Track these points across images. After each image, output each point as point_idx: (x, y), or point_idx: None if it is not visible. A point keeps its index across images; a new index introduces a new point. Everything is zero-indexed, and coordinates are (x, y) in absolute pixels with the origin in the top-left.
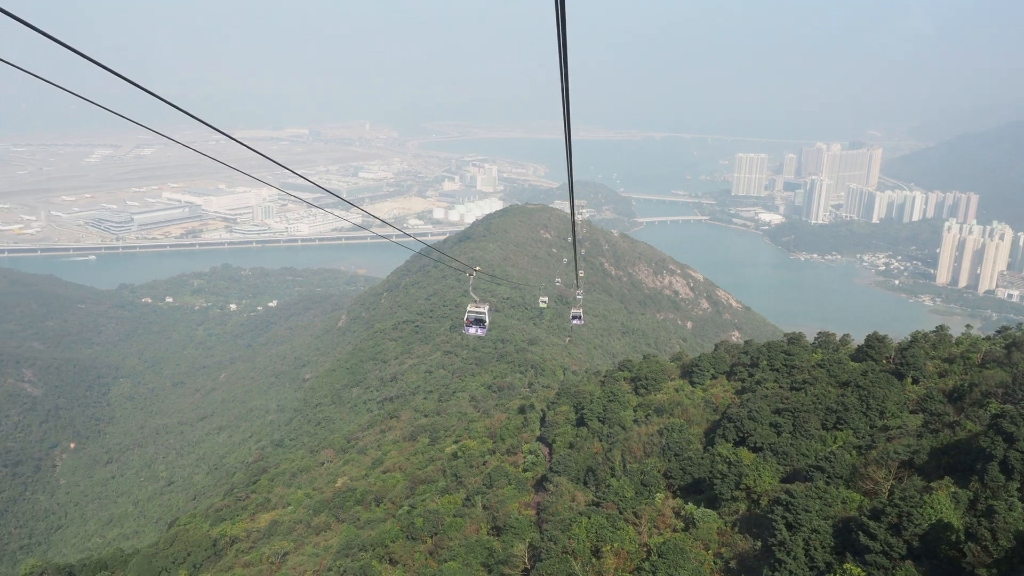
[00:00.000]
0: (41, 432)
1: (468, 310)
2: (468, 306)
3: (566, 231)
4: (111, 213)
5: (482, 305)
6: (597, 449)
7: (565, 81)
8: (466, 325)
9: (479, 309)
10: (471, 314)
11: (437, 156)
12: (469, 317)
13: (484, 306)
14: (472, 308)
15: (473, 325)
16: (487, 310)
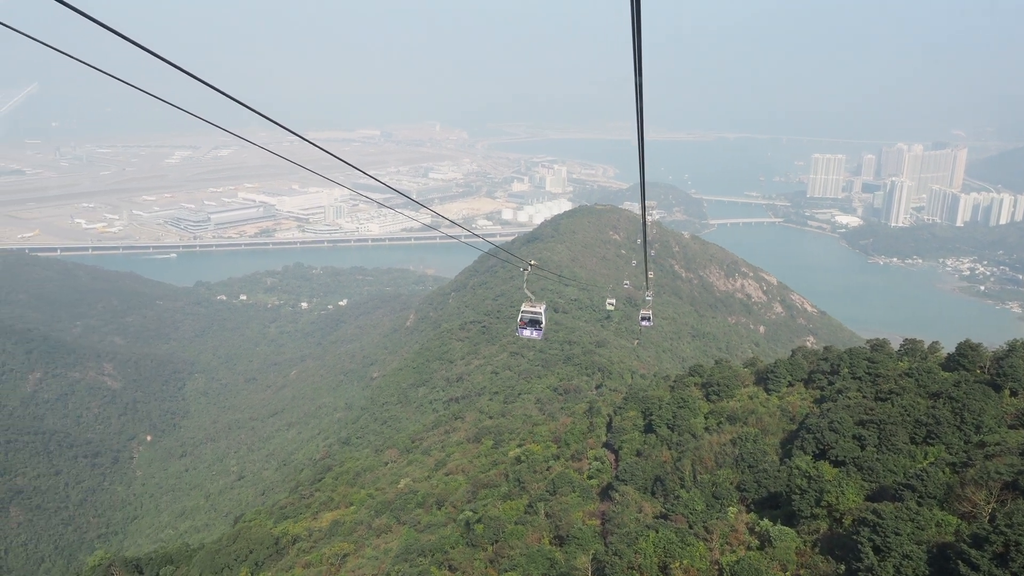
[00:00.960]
0: (120, 424)
1: (522, 310)
2: (523, 305)
3: (635, 232)
4: (189, 212)
5: (538, 304)
6: (666, 457)
7: (639, 78)
8: (520, 327)
9: (535, 309)
10: (525, 314)
11: (506, 157)
12: (523, 318)
13: (540, 305)
14: (527, 308)
15: (528, 327)
16: (543, 310)
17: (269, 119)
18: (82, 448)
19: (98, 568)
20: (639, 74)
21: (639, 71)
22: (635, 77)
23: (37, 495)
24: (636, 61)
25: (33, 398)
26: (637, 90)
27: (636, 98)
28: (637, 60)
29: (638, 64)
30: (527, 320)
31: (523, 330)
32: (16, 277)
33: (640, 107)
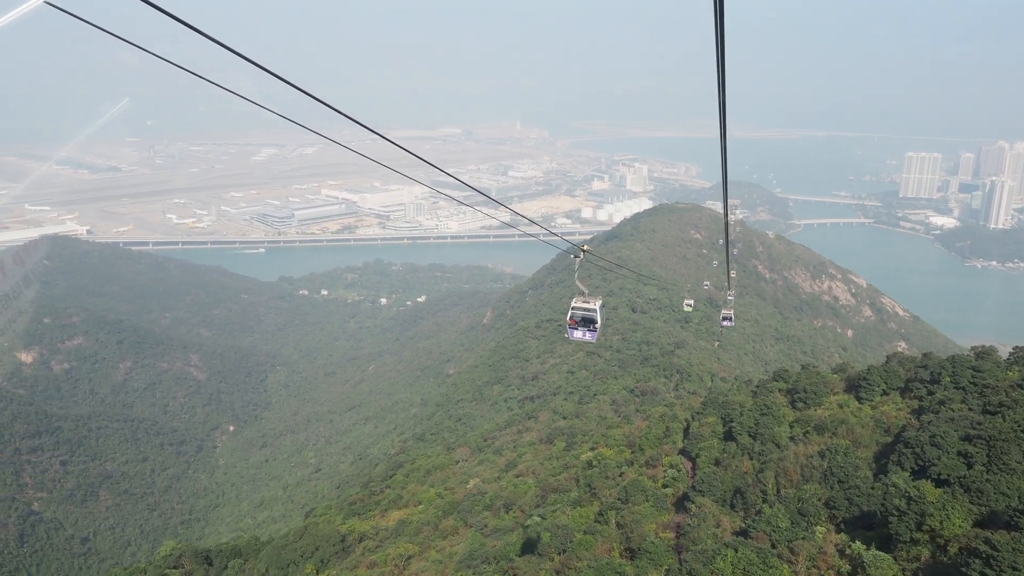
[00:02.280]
0: (204, 414)
1: (573, 306)
2: (573, 300)
3: (717, 232)
4: (274, 209)
5: (592, 300)
6: (747, 468)
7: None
8: (570, 327)
9: (588, 305)
10: (576, 311)
11: (587, 155)
12: (574, 315)
13: (595, 300)
14: (579, 303)
15: (579, 327)
16: (599, 307)
17: (351, 118)
18: (168, 436)
19: (169, 557)
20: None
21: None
22: (718, 74)
23: (125, 480)
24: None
25: (123, 386)
26: (720, 87)
27: (719, 94)
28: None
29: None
30: (578, 318)
31: (573, 331)
32: (111, 270)
33: (723, 102)
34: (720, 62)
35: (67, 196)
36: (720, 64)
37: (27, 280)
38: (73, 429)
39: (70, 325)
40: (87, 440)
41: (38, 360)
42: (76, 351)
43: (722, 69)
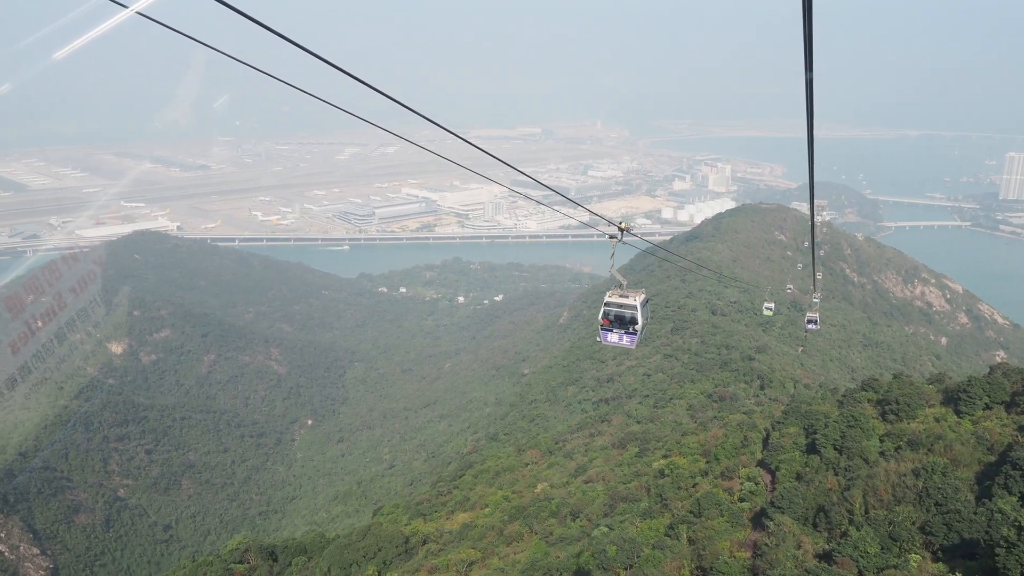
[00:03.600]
0: (284, 408)
1: (606, 302)
2: (607, 294)
3: (803, 233)
4: (355, 207)
5: (632, 293)
6: (831, 484)
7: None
8: (602, 328)
9: (626, 300)
10: (611, 308)
11: (668, 155)
12: (607, 313)
13: (636, 295)
14: (614, 298)
15: (614, 328)
16: (641, 303)
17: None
18: (248, 428)
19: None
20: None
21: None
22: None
23: (206, 470)
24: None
25: (207, 379)
26: (807, 85)
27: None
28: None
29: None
30: (613, 316)
31: (607, 333)
32: (198, 265)
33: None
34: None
35: (160, 193)
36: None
37: (119, 274)
38: (158, 419)
39: (158, 318)
40: (171, 430)
41: (127, 351)
42: (163, 343)
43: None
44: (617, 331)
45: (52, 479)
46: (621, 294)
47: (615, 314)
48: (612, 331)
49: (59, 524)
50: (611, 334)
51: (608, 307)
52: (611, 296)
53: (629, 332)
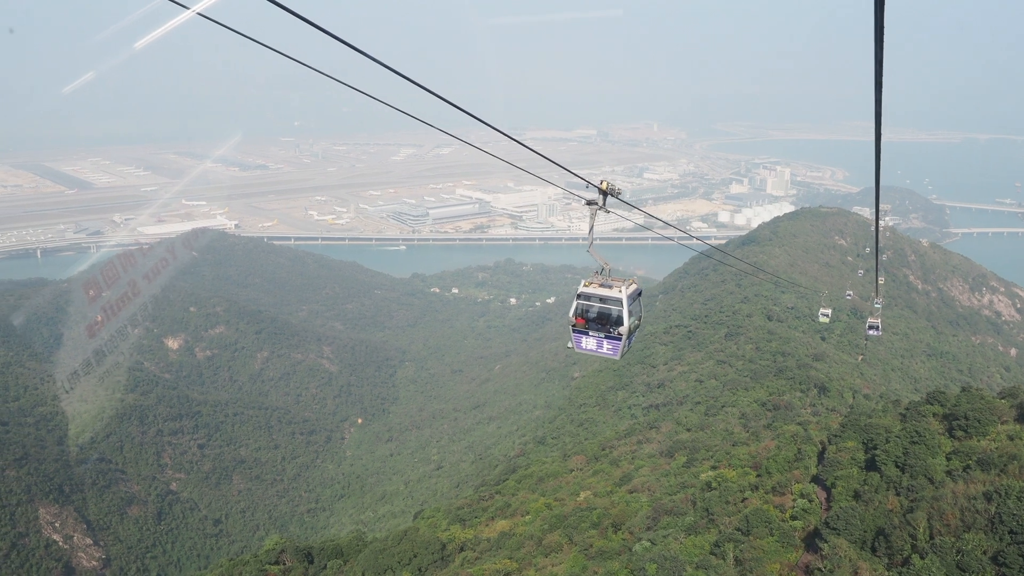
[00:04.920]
0: (334, 406)
1: (581, 293)
2: (582, 284)
3: (864, 238)
4: (409, 207)
5: (619, 283)
6: (892, 505)
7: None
8: (573, 330)
9: (608, 292)
10: (588, 302)
11: (725, 158)
12: (583, 309)
13: (624, 285)
14: (593, 287)
15: (591, 329)
16: (630, 296)
17: (484, 122)
18: (299, 425)
19: (272, 552)
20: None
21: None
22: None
23: (257, 466)
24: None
25: (260, 375)
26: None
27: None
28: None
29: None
30: (589, 314)
31: (580, 337)
32: (254, 263)
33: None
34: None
35: (220, 192)
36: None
37: (178, 271)
38: (211, 414)
39: (214, 314)
40: (224, 425)
41: (183, 347)
42: (218, 339)
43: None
44: (595, 334)
45: (107, 471)
46: (602, 283)
47: (593, 310)
48: (588, 334)
49: (112, 515)
50: (586, 338)
51: (583, 300)
52: (588, 286)
53: (611, 336)
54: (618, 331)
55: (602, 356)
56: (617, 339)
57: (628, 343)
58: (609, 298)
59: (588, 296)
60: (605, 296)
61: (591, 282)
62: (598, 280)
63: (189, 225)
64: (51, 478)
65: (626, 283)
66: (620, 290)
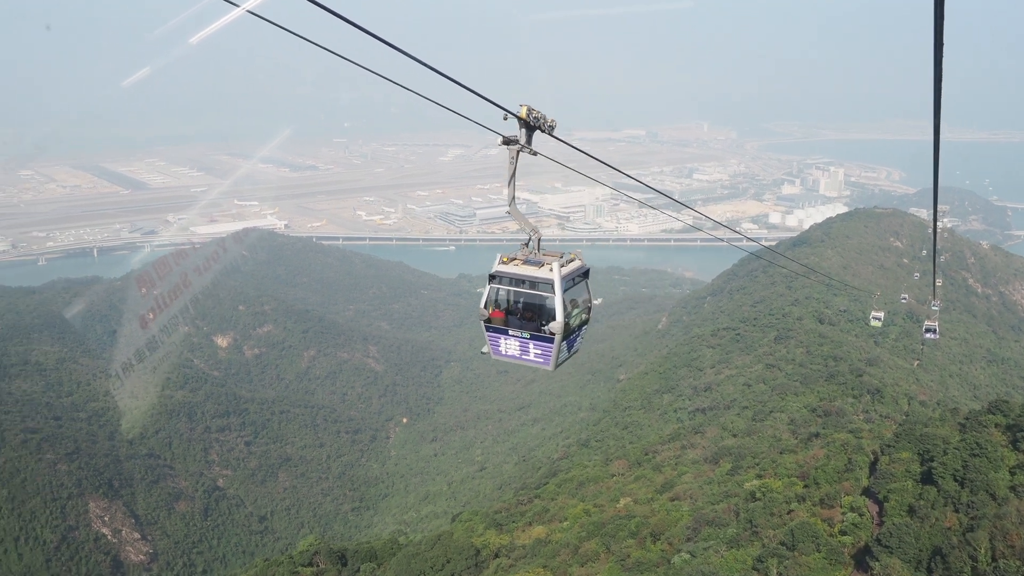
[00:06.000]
0: (379, 405)
1: (496, 272)
2: (498, 260)
3: (921, 240)
4: (457, 208)
5: (551, 259)
6: (951, 523)
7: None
8: (487, 327)
9: (537, 272)
10: (501, 286)
11: (777, 158)
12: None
13: (554, 263)
14: (512, 265)
15: (512, 326)
16: (566, 276)
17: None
18: (345, 424)
19: (306, 553)
20: (938, 66)
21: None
22: (934, 71)
23: (302, 464)
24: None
25: (306, 374)
26: (936, 83)
27: (934, 90)
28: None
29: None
30: (513, 305)
31: (498, 337)
32: (302, 262)
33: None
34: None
35: (270, 192)
36: (937, 61)
37: (228, 269)
38: (258, 412)
39: (262, 313)
40: (270, 423)
41: (232, 345)
42: (266, 338)
43: (939, 66)
44: (517, 333)
45: (155, 466)
46: (528, 259)
47: (515, 299)
48: (507, 333)
49: (160, 510)
50: (505, 339)
51: (499, 284)
52: (507, 263)
53: (540, 336)
54: (549, 329)
55: (528, 365)
56: (548, 340)
57: (569, 347)
58: (536, 280)
59: (506, 278)
60: (530, 277)
61: (512, 258)
62: (523, 255)
63: (240, 225)
64: (101, 472)
65: (561, 259)
66: (551, 268)
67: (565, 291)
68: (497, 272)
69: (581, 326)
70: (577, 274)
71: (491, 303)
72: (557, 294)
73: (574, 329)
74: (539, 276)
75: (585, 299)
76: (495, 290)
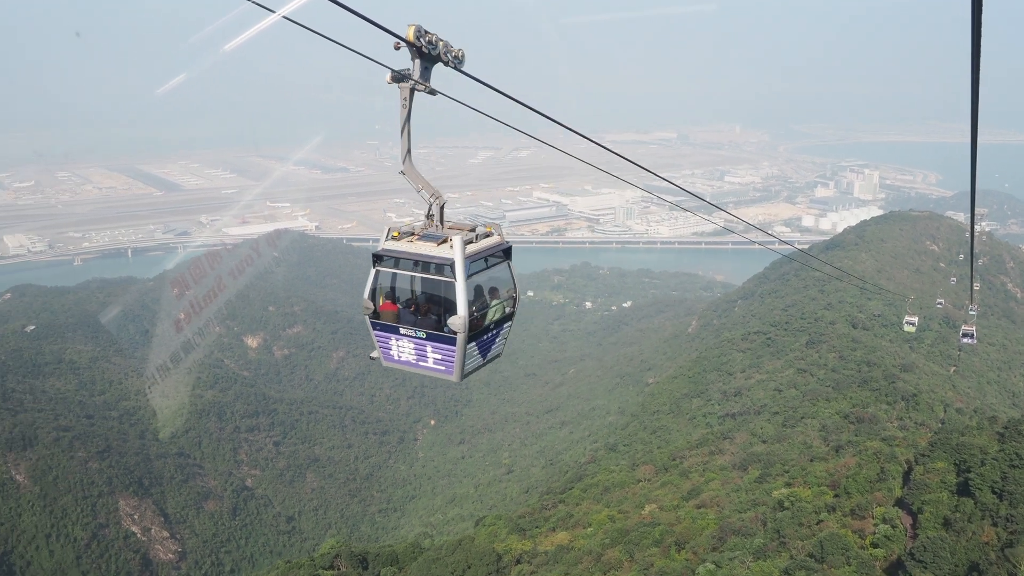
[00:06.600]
0: (407, 406)
1: (384, 251)
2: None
3: (958, 244)
4: (486, 210)
5: (457, 233)
6: (988, 537)
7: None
8: (374, 325)
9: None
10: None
11: (811, 161)
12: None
13: (458, 236)
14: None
15: (404, 326)
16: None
17: (564, 125)
18: (372, 425)
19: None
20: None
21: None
22: (971, 71)
23: (330, 465)
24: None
25: (335, 375)
26: (973, 84)
27: (971, 91)
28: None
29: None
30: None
31: (387, 338)
32: (332, 263)
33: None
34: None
35: (302, 194)
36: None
37: (258, 270)
38: (287, 412)
39: (291, 314)
40: (299, 424)
41: (262, 345)
42: (295, 338)
43: (976, 67)
44: (410, 333)
45: (185, 465)
46: (425, 233)
47: (409, 287)
48: (399, 332)
49: (189, 509)
50: (397, 340)
51: (388, 268)
52: (397, 241)
53: (441, 336)
54: (449, 327)
55: (427, 373)
56: (450, 342)
57: (483, 351)
58: (432, 261)
59: (395, 259)
60: (424, 257)
61: (407, 232)
62: (421, 229)
63: (272, 226)
64: (132, 471)
65: (465, 232)
66: (452, 245)
67: (472, 275)
68: (384, 251)
69: (502, 322)
70: (491, 253)
71: (381, 293)
72: (458, 279)
73: (489, 327)
74: (435, 256)
75: (509, 288)
76: (385, 276)
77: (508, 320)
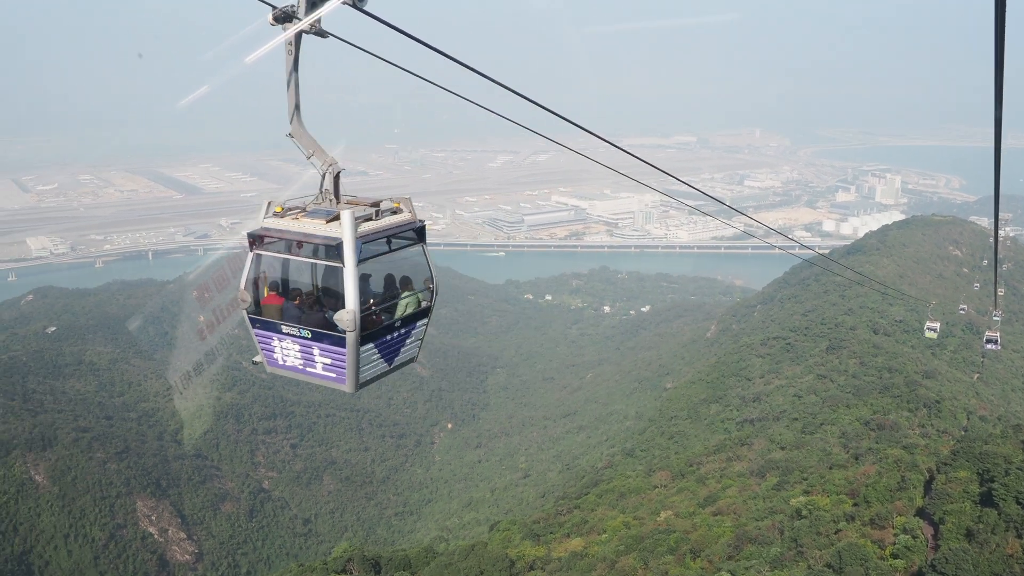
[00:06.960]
0: (425, 410)
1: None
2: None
3: (981, 249)
4: (505, 214)
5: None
6: (1013, 550)
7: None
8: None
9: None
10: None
11: (831, 165)
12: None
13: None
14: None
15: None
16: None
17: (583, 128)
18: (390, 428)
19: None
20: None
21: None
22: (995, 73)
23: (347, 468)
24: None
25: None
26: (997, 87)
27: (995, 94)
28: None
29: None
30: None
31: (269, 338)
32: None
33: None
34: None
35: None
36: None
37: None
38: (304, 415)
39: None
40: (316, 426)
41: None
42: None
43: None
44: (293, 331)
45: (202, 467)
46: (316, 208)
47: (295, 276)
48: (281, 331)
49: (206, 511)
50: (280, 340)
51: (268, 252)
52: (280, 217)
53: (330, 336)
54: (336, 326)
55: (316, 381)
56: (339, 343)
57: (387, 355)
58: (319, 243)
59: (275, 241)
60: (309, 237)
61: (293, 208)
62: (311, 204)
63: None
64: (149, 472)
65: (363, 207)
66: (344, 222)
67: (367, 259)
68: (263, 231)
69: (415, 319)
70: (396, 233)
71: (266, 282)
72: (347, 264)
73: (395, 324)
74: (321, 235)
75: (426, 278)
76: (265, 260)
77: (424, 316)
